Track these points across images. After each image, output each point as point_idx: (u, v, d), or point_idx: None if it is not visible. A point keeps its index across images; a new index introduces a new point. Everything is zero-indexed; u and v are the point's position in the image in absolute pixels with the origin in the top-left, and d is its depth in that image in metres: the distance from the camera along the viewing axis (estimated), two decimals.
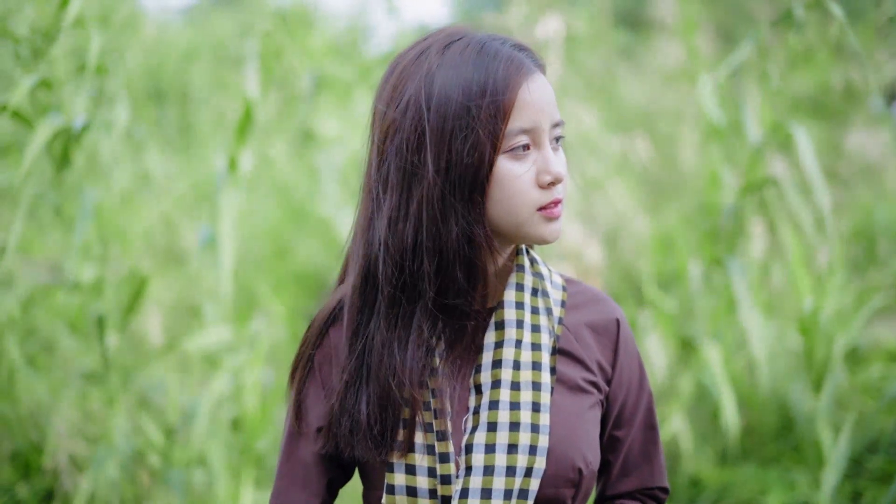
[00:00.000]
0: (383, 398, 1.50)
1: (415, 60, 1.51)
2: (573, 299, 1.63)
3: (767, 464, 3.64)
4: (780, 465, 3.61)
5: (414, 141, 1.49)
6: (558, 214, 1.51)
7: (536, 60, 1.53)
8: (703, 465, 3.63)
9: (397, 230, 1.50)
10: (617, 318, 1.64)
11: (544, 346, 1.55)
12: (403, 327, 1.51)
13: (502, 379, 1.52)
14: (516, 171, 1.47)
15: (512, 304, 1.56)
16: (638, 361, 1.67)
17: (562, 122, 1.54)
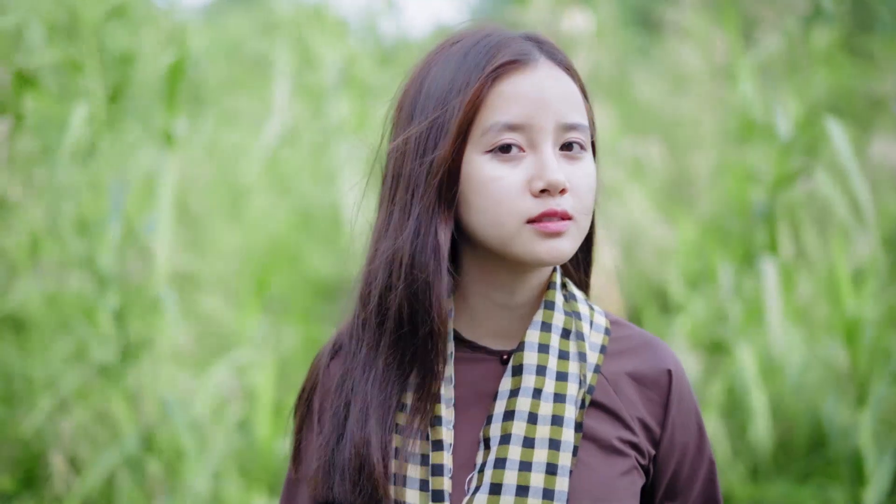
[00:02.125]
0: (356, 464, 1.31)
1: (423, 60, 1.37)
2: (616, 344, 1.40)
3: (800, 479, 3.51)
4: (814, 482, 3.48)
5: (401, 144, 1.33)
6: (554, 230, 1.28)
7: (550, 52, 1.34)
8: (734, 481, 3.50)
9: (378, 248, 1.34)
10: (669, 369, 1.39)
11: (570, 397, 1.33)
12: (375, 369, 1.33)
13: (513, 434, 1.30)
14: (497, 173, 1.27)
15: (534, 346, 1.35)
16: (696, 422, 1.41)
17: (581, 124, 1.32)
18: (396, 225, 1.32)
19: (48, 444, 3.20)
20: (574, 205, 1.30)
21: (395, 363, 1.33)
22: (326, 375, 1.42)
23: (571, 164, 1.30)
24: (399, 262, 1.31)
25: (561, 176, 1.27)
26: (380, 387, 1.33)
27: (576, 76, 1.36)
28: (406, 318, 1.31)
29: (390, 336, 1.33)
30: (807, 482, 3.49)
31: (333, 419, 1.35)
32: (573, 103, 1.32)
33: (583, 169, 1.31)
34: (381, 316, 1.33)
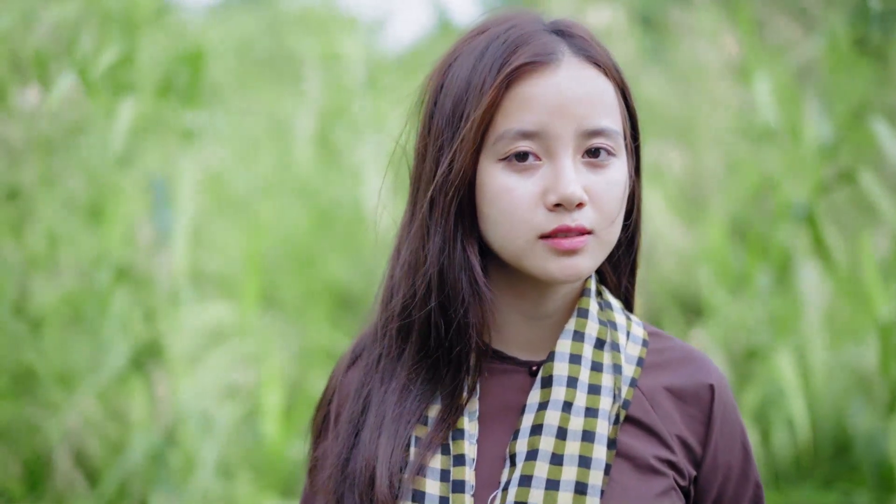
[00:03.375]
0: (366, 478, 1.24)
1: (450, 49, 1.29)
2: (655, 357, 1.31)
3: (824, 485, 3.46)
4: (838, 487, 3.42)
5: (422, 142, 1.27)
6: (568, 247, 1.19)
7: (580, 47, 1.24)
8: None
9: (401, 254, 1.28)
10: (711, 384, 1.30)
11: (603, 412, 1.24)
12: (394, 381, 1.27)
13: (540, 449, 1.22)
14: (509, 183, 1.20)
15: (565, 356, 1.26)
16: (741, 441, 1.31)
17: (609, 129, 1.22)
18: (417, 233, 1.26)
19: (55, 441, 3.15)
20: (595, 218, 1.21)
21: (419, 377, 1.26)
22: (344, 383, 1.36)
23: (595, 172, 1.21)
24: (424, 276, 1.24)
25: (577, 189, 1.18)
26: (398, 400, 1.26)
27: (610, 72, 1.25)
28: (438, 335, 1.25)
29: (415, 348, 1.27)
30: (831, 488, 3.44)
31: (348, 428, 1.29)
32: (600, 106, 1.22)
33: (607, 177, 1.22)
34: (405, 327, 1.27)
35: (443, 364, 1.26)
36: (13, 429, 3.21)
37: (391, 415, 1.25)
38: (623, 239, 1.31)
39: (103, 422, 3.25)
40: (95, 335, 3.21)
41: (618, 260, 1.34)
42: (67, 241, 3.15)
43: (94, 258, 3.12)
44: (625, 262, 1.36)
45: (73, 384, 3.18)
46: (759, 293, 3.17)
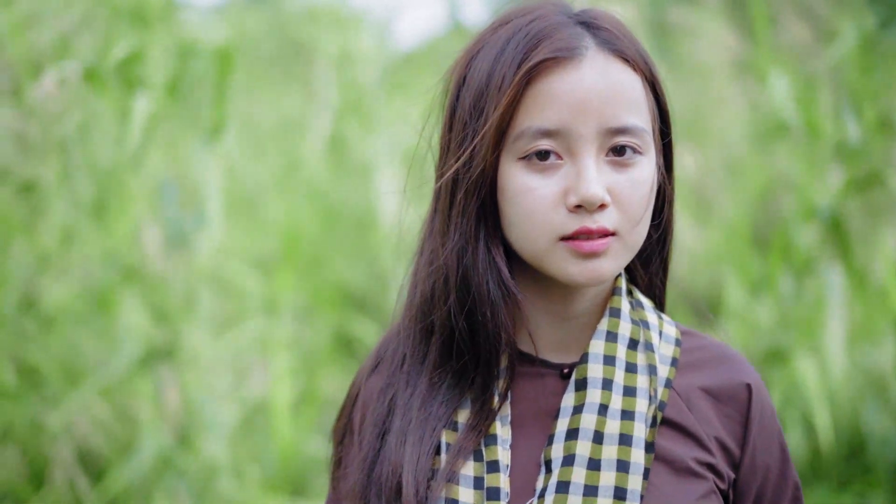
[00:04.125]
0: (393, 485, 1.21)
1: (474, 40, 1.26)
2: (689, 356, 1.28)
3: (837, 487, 3.43)
4: (852, 489, 3.40)
5: (444, 138, 1.24)
6: (589, 250, 1.16)
7: (607, 40, 1.19)
8: None
9: (423, 253, 1.25)
10: (748, 384, 1.27)
11: (639, 414, 1.21)
12: (419, 385, 1.24)
13: (577, 454, 1.19)
14: (529, 183, 1.16)
15: (599, 357, 1.23)
16: (779, 441, 1.29)
17: (634, 126, 1.17)
18: (438, 231, 1.23)
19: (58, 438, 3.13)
20: (618, 219, 1.17)
21: (445, 380, 1.23)
22: (368, 387, 1.33)
23: (619, 171, 1.18)
24: (445, 277, 1.21)
25: (598, 190, 1.14)
26: (422, 404, 1.23)
27: (638, 66, 1.20)
28: (462, 337, 1.21)
29: (438, 350, 1.23)
30: (845, 490, 3.41)
31: (373, 432, 1.26)
32: (624, 102, 1.17)
33: (632, 176, 1.18)
34: (427, 330, 1.24)
35: (471, 367, 1.22)
36: (18, 427, 3.19)
37: (417, 420, 1.22)
38: (654, 236, 1.27)
39: (110, 421, 3.24)
40: (104, 334, 3.19)
41: (648, 257, 1.31)
42: (78, 238, 3.13)
43: (102, 256, 3.10)
44: (656, 260, 1.32)
45: (80, 383, 3.16)
46: (780, 295, 3.14)
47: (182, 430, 3.14)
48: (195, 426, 3.14)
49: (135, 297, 3.03)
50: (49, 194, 2.89)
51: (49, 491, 3.10)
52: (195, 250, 2.98)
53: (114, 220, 3.11)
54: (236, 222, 4.17)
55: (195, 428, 3.14)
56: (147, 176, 3.17)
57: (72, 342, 3.17)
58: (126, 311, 3.06)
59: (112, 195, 3.13)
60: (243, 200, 4.22)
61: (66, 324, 3.18)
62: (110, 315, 3.14)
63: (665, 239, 1.31)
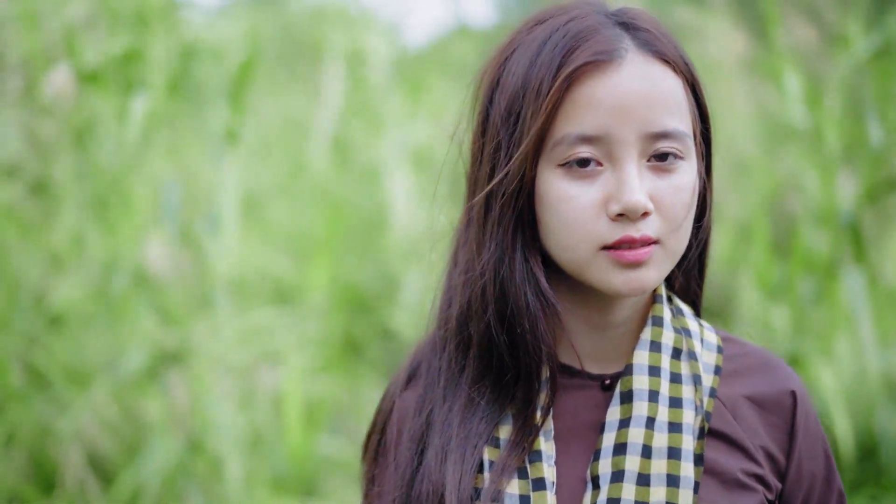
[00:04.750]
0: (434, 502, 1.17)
1: (508, 39, 1.21)
2: (732, 364, 1.24)
3: (851, 490, 3.42)
4: (865, 492, 3.38)
5: (477, 143, 1.20)
6: (632, 259, 1.12)
7: (646, 42, 1.15)
8: None
9: (457, 262, 1.21)
10: (793, 390, 1.23)
11: (687, 426, 1.17)
12: (457, 401, 1.20)
13: (626, 470, 1.15)
14: (569, 191, 1.12)
15: (644, 368, 1.19)
16: (823, 448, 1.26)
17: (676, 131, 1.14)
18: (473, 240, 1.19)
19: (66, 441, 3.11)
20: (661, 226, 1.13)
21: (484, 396, 1.19)
22: (402, 403, 1.28)
23: (661, 177, 1.14)
24: (483, 289, 1.17)
25: (641, 197, 1.11)
26: (462, 421, 1.19)
27: (679, 67, 1.17)
28: (499, 350, 1.18)
29: (476, 363, 1.20)
30: (858, 492, 3.40)
31: (410, 448, 1.22)
32: (666, 106, 1.13)
33: (674, 182, 1.14)
34: (464, 343, 1.21)
35: (511, 381, 1.18)
36: (27, 430, 3.17)
37: (457, 437, 1.18)
38: (692, 241, 1.23)
39: (119, 424, 3.22)
40: (114, 337, 3.17)
41: (685, 262, 1.26)
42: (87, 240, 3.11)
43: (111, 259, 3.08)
44: (693, 265, 1.28)
45: (89, 385, 3.15)
46: (798, 299, 3.12)
47: (192, 432, 3.12)
48: (205, 429, 3.12)
49: (144, 299, 3.01)
50: (60, 194, 2.86)
51: (58, 494, 3.08)
52: (208, 254, 2.95)
53: (120, 222, 3.09)
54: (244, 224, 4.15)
55: (205, 430, 3.12)
56: (153, 177, 3.15)
57: (81, 344, 3.15)
58: (136, 313, 3.04)
59: (117, 197, 3.11)
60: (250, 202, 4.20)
61: (75, 326, 3.16)
62: (120, 317, 3.12)
63: (703, 243, 1.27)
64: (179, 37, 3.46)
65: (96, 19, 3.15)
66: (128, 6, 3.20)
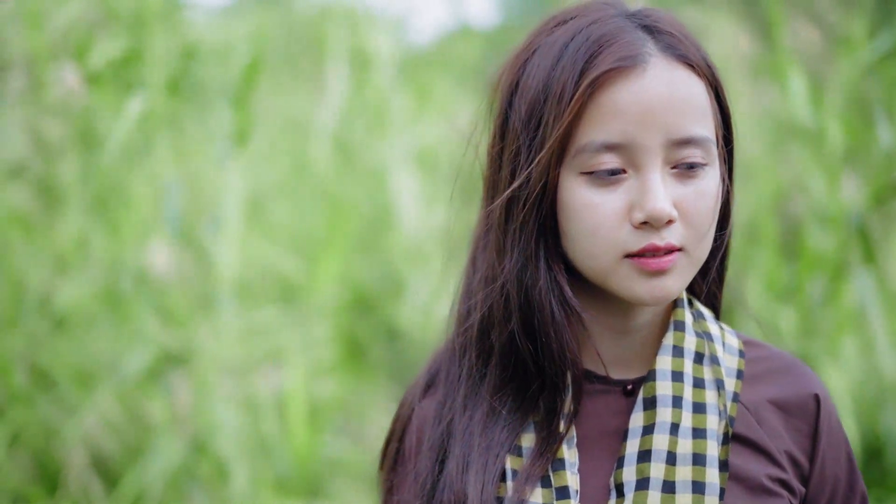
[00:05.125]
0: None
1: (527, 39, 1.20)
2: (753, 368, 1.23)
3: None
4: (871, 495, 3.38)
5: (495, 147, 1.18)
6: (656, 268, 1.11)
7: (669, 45, 1.13)
8: None
9: (475, 267, 1.21)
10: (816, 394, 1.22)
11: (711, 432, 1.16)
12: (477, 410, 1.18)
13: (651, 477, 1.14)
14: (592, 198, 1.11)
15: (667, 374, 1.17)
16: (846, 451, 1.25)
17: (700, 137, 1.12)
18: (493, 247, 1.18)
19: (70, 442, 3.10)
20: (684, 233, 1.12)
21: (506, 404, 1.18)
22: (420, 411, 1.27)
23: (685, 183, 1.13)
24: (506, 298, 1.16)
25: (666, 205, 1.10)
26: (484, 430, 1.18)
27: (702, 71, 1.15)
28: (520, 358, 1.17)
29: (497, 372, 1.19)
30: None
31: (430, 457, 1.21)
32: (690, 112, 1.12)
33: (698, 188, 1.13)
34: (485, 352, 1.20)
35: (534, 390, 1.17)
36: (31, 431, 3.17)
37: (479, 447, 1.17)
38: (714, 246, 1.21)
39: (123, 425, 3.21)
40: (118, 338, 3.17)
41: (706, 266, 1.24)
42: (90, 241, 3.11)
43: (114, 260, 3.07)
44: (713, 269, 1.26)
45: (93, 386, 3.14)
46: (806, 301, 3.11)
47: (196, 434, 3.12)
48: (209, 430, 3.12)
49: (148, 300, 3.00)
50: (64, 195, 2.86)
51: (62, 496, 3.07)
52: (211, 254, 2.95)
53: (124, 224, 3.08)
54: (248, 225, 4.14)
55: (209, 432, 3.12)
56: (156, 178, 3.14)
57: (85, 346, 3.15)
58: (140, 314, 3.03)
59: (121, 198, 3.11)
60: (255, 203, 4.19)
61: (79, 327, 3.15)
62: (124, 319, 3.12)
63: (724, 248, 1.26)
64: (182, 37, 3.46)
65: (99, 19, 3.15)
66: (130, 6, 3.19)
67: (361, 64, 3.95)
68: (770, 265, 3.33)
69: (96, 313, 3.11)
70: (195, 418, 3.13)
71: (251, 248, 4.01)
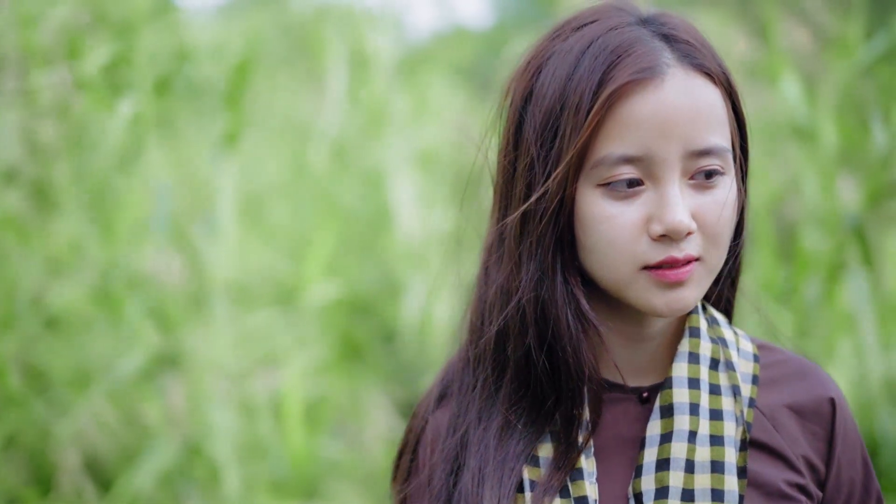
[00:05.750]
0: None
1: (540, 44, 1.17)
2: (769, 372, 1.22)
3: None
4: None
5: (508, 156, 1.16)
6: (675, 279, 1.10)
7: (686, 53, 1.12)
8: None
9: (489, 276, 1.19)
10: (831, 398, 1.21)
11: (728, 438, 1.15)
12: (492, 422, 1.18)
13: (670, 486, 1.13)
14: (610, 211, 1.10)
15: (683, 381, 1.17)
16: (862, 455, 1.24)
17: (717, 147, 1.11)
18: (508, 260, 1.16)
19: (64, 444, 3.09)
20: (702, 243, 1.12)
21: (521, 417, 1.17)
22: (434, 423, 1.27)
23: (703, 193, 1.12)
24: (522, 312, 1.15)
25: (684, 217, 1.09)
26: (500, 444, 1.17)
27: (719, 79, 1.13)
28: (535, 371, 1.16)
29: (513, 384, 1.18)
30: None
31: (444, 469, 1.21)
32: (708, 122, 1.10)
33: (716, 198, 1.12)
34: (500, 364, 1.19)
35: (550, 401, 1.16)
36: (25, 432, 3.16)
37: (494, 461, 1.16)
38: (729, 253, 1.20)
39: (117, 427, 3.20)
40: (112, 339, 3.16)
41: (720, 273, 1.23)
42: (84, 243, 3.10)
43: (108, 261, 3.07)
44: (726, 274, 1.25)
45: (87, 388, 3.13)
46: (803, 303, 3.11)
47: (190, 436, 3.11)
48: (204, 432, 3.11)
49: (142, 301, 3.00)
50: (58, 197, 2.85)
51: (56, 498, 3.06)
52: (205, 256, 2.94)
53: (118, 225, 3.08)
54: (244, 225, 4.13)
55: (203, 434, 3.11)
56: (150, 180, 3.13)
57: (79, 347, 3.14)
58: (133, 315, 3.03)
59: (113, 199, 3.10)
60: (251, 203, 4.18)
61: (73, 329, 3.14)
62: (118, 320, 3.11)
63: (738, 252, 1.25)
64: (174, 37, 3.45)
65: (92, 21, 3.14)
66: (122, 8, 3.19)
67: (359, 64, 3.95)
68: (766, 266, 3.32)
69: (90, 315, 3.10)
70: (189, 420, 3.12)
71: (246, 250, 4.00)
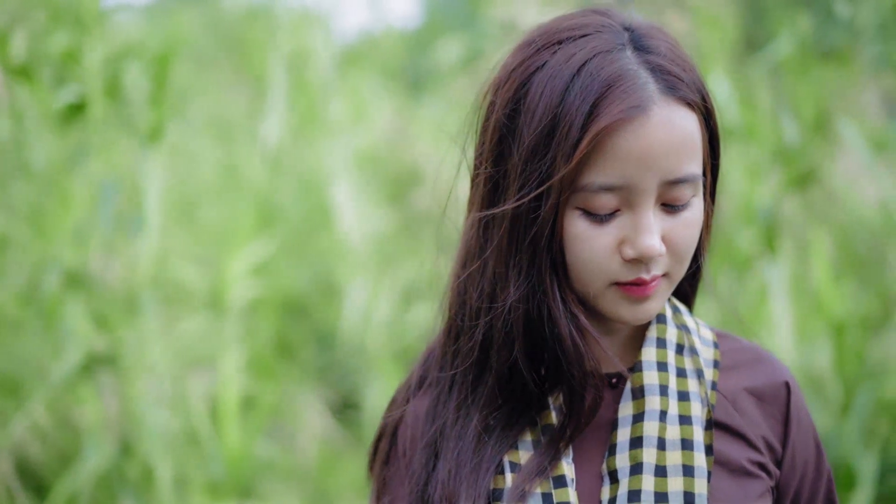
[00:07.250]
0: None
1: (521, 55, 1.20)
2: (728, 358, 1.29)
3: None
4: None
5: (490, 167, 1.19)
6: (641, 295, 1.17)
7: (671, 85, 1.15)
8: None
9: (468, 277, 1.23)
10: (786, 382, 1.28)
11: (696, 418, 1.22)
12: (468, 420, 1.22)
13: (644, 462, 1.19)
14: (586, 232, 1.15)
15: (652, 364, 1.24)
16: (813, 436, 1.30)
17: (691, 175, 1.16)
18: (493, 272, 1.20)
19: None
20: (669, 262, 1.18)
21: (500, 422, 1.22)
22: (413, 409, 1.31)
23: (673, 215, 1.17)
24: (507, 325, 1.19)
25: (655, 243, 1.14)
26: (477, 448, 1.22)
27: (697, 105, 1.17)
28: (526, 382, 1.21)
29: (494, 392, 1.22)
30: None
31: (424, 454, 1.26)
32: (686, 152, 1.15)
33: (685, 219, 1.17)
34: (479, 364, 1.23)
35: (532, 404, 1.22)
36: None
37: (471, 463, 1.21)
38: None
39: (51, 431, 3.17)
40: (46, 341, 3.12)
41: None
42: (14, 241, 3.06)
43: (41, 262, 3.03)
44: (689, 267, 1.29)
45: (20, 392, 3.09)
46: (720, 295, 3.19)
47: (124, 438, 3.09)
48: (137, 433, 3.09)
49: (76, 302, 2.97)
50: None
51: None
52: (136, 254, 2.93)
53: (52, 224, 3.05)
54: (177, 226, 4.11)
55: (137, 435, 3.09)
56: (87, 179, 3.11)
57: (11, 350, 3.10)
58: (68, 317, 3.00)
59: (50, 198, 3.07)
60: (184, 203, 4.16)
61: (4, 331, 3.10)
62: (51, 321, 3.07)
63: (700, 247, 1.29)
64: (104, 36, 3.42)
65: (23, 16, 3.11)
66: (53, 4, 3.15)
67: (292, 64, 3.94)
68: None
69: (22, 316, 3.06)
70: (123, 421, 3.10)
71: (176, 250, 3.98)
